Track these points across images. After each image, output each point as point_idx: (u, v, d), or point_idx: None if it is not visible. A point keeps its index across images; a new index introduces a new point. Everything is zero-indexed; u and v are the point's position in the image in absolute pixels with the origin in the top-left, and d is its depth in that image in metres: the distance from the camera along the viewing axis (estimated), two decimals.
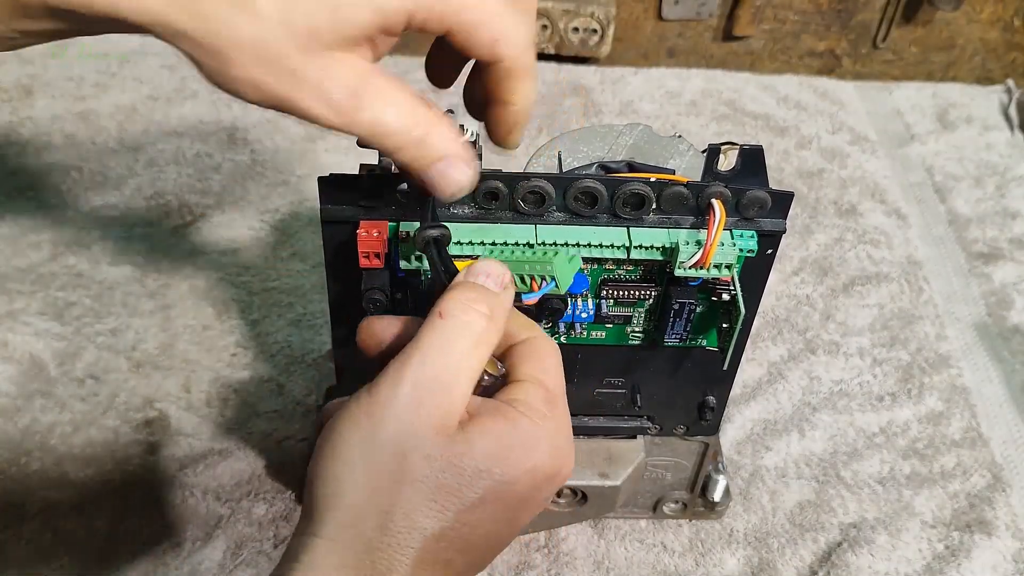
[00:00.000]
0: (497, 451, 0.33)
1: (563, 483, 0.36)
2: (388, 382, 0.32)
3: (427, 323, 0.33)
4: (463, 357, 0.33)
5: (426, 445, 0.32)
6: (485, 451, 0.32)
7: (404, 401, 0.32)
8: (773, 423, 0.67)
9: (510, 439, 0.33)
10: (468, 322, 0.34)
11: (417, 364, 0.32)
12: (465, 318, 0.34)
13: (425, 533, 0.32)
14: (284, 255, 0.76)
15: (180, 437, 0.63)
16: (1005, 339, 0.75)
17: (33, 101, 0.88)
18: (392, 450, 0.32)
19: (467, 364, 0.33)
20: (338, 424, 0.33)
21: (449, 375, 0.33)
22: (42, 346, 0.68)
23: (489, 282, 0.35)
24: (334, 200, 0.42)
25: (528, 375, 0.35)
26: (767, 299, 0.75)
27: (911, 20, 0.97)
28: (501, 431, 0.33)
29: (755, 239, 0.42)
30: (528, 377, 0.35)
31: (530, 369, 0.36)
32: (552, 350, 0.37)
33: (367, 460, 0.32)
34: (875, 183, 0.87)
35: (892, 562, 0.59)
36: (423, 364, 0.32)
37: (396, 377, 0.32)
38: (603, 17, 0.92)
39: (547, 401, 0.35)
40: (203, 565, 0.56)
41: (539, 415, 0.34)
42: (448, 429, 0.32)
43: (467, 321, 0.34)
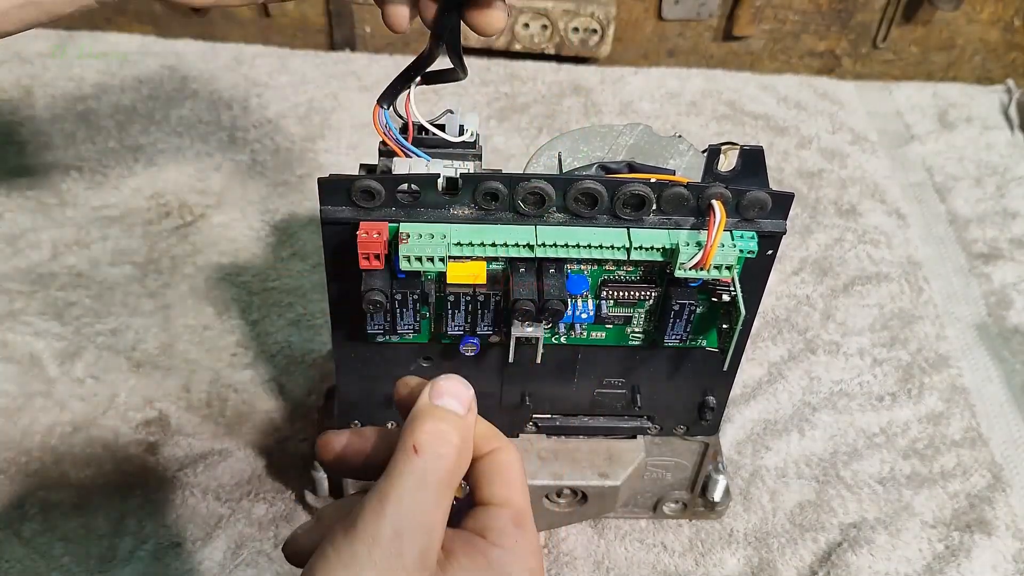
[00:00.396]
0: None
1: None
2: (366, 526, 0.31)
3: (401, 458, 0.32)
4: (440, 495, 0.32)
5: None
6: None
7: (384, 548, 0.31)
8: (773, 423, 0.67)
9: (487, 574, 0.33)
10: (442, 455, 0.33)
11: (395, 506, 0.31)
12: (439, 451, 0.33)
13: None
14: (284, 255, 0.76)
15: (180, 437, 0.63)
16: (1005, 339, 0.75)
17: (33, 101, 0.88)
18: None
19: (444, 501, 0.33)
20: (314, 572, 0.31)
21: (427, 516, 0.32)
22: (42, 346, 0.68)
23: (455, 405, 0.34)
24: (334, 201, 0.42)
25: (495, 496, 0.35)
26: (767, 299, 0.75)
27: (911, 20, 0.97)
28: (478, 569, 0.33)
29: (755, 240, 0.42)
30: (495, 499, 0.35)
31: (497, 489, 0.35)
32: (516, 461, 0.36)
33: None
34: (875, 183, 0.87)
35: (892, 562, 0.59)
36: (401, 506, 0.31)
37: (375, 520, 0.31)
38: (603, 17, 0.92)
39: (516, 523, 0.34)
40: (203, 565, 0.56)
41: (511, 541, 0.34)
42: (429, 572, 0.32)
43: (441, 455, 0.33)
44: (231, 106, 0.89)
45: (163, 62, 0.93)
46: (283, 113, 0.89)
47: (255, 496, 0.60)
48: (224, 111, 0.88)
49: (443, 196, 0.42)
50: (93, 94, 0.89)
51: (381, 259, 0.42)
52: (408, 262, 0.41)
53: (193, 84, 0.91)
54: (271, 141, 0.86)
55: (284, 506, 0.60)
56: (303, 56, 0.97)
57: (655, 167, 0.45)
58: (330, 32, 0.98)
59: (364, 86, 0.92)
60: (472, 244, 0.41)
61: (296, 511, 0.59)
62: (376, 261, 0.42)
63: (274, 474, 0.61)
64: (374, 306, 0.43)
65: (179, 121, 0.87)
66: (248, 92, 0.91)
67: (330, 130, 0.87)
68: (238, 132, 0.86)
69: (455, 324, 0.45)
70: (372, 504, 0.32)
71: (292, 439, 0.63)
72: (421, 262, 0.41)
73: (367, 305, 0.43)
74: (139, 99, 0.89)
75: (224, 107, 0.89)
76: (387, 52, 0.98)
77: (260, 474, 0.61)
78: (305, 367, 0.68)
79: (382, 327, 0.45)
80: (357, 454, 0.36)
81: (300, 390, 0.66)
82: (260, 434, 0.63)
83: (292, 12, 0.96)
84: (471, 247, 0.41)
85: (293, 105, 0.90)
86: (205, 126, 0.87)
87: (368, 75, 0.93)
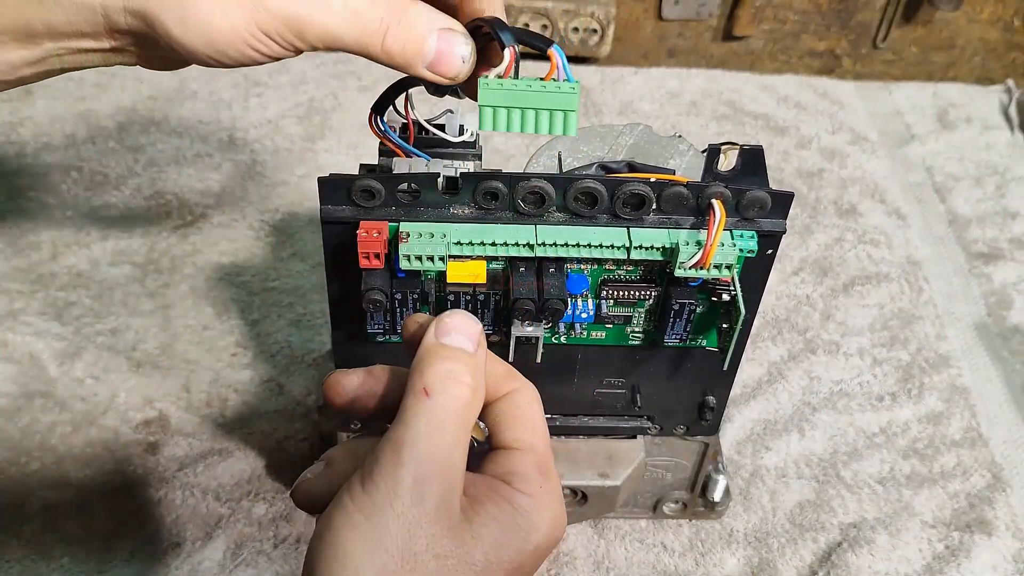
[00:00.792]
0: (504, 539, 0.31)
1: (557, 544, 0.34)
2: (384, 476, 0.30)
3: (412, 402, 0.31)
4: (456, 436, 0.31)
5: (435, 544, 0.30)
6: (493, 541, 0.31)
7: (405, 497, 0.30)
8: (773, 423, 0.67)
9: (514, 522, 0.32)
10: (454, 395, 0.31)
11: (411, 452, 0.30)
12: (452, 392, 0.31)
13: None
14: (284, 255, 0.76)
15: (180, 437, 0.63)
16: (1005, 339, 0.75)
17: (33, 101, 0.88)
18: (401, 554, 0.30)
19: (461, 442, 0.31)
20: (335, 526, 0.30)
21: (445, 460, 0.31)
22: (42, 346, 0.68)
23: (463, 342, 0.33)
24: (334, 200, 0.42)
25: (517, 440, 0.34)
26: (767, 299, 0.75)
27: (911, 20, 0.97)
28: (505, 517, 0.32)
29: (755, 239, 0.42)
30: (517, 443, 0.34)
31: (518, 432, 0.34)
32: (536, 403, 0.35)
33: (375, 567, 0.29)
34: (875, 183, 0.87)
35: (892, 562, 0.59)
36: (417, 451, 0.30)
37: (393, 470, 0.30)
38: (603, 17, 0.92)
39: (540, 468, 0.33)
40: (203, 565, 0.56)
41: (535, 487, 0.33)
42: (452, 519, 0.31)
43: (454, 395, 0.31)
44: (231, 106, 0.89)
45: None
46: (283, 113, 0.89)
47: (255, 496, 0.60)
48: (224, 111, 0.88)
49: (443, 195, 0.42)
50: (93, 94, 0.89)
51: (381, 258, 0.42)
52: (408, 261, 0.41)
53: (193, 84, 0.91)
54: (271, 141, 0.86)
55: (284, 506, 0.60)
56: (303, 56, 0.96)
57: (655, 167, 0.45)
58: None
59: (364, 86, 0.92)
60: (472, 243, 0.41)
61: (296, 511, 0.59)
62: (376, 260, 0.42)
63: (274, 474, 0.61)
64: (374, 305, 0.43)
65: (179, 121, 0.87)
66: (248, 92, 0.91)
67: (330, 130, 0.87)
68: (238, 132, 0.86)
69: None
70: (387, 452, 0.30)
71: (292, 439, 0.63)
72: (421, 261, 0.41)
73: (367, 304, 0.43)
74: (139, 99, 0.89)
75: (224, 107, 0.89)
76: None
77: (260, 474, 0.61)
78: (305, 367, 0.68)
79: (382, 327, 0.45)
80: (370, 395, 0.34)
81: (300, 390, 0.66)
82: (260, 434, 0.63)
83: None
84: (471, 246, 0.41)
85: (293, 105, 0.90)
86: (205, 126, 0.87)
87: (368, 75, 0.93)
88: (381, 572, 0.29)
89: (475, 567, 0.31)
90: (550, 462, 0.34)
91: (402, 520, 0.30)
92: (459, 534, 0.31)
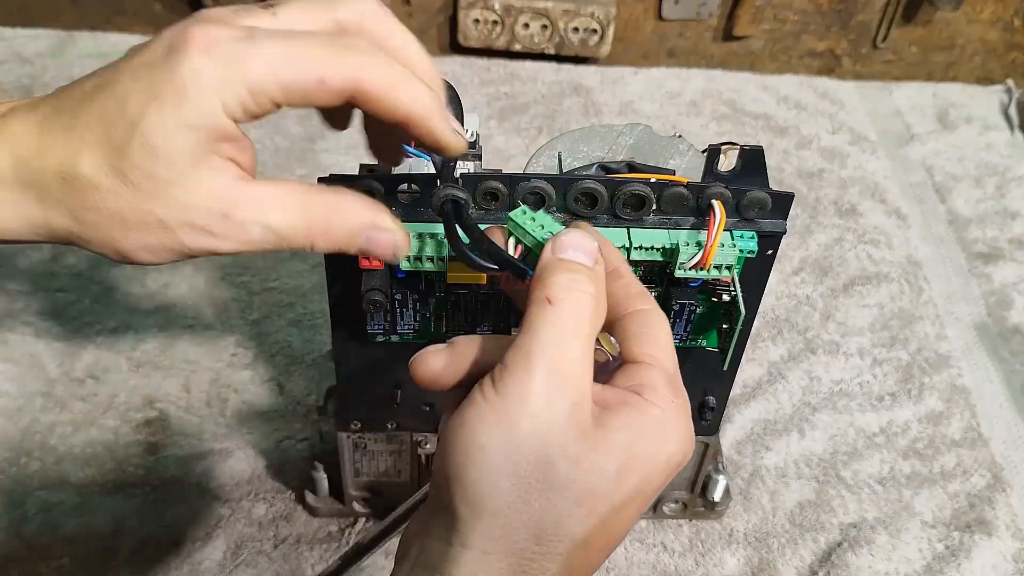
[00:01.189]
0: (636, 448, 0.31)
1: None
2: (515, 378, 0.30)
3: (536, 311, 0.31)
4: (583, 343, 0.31)
5: (568, 447, 0.30)
6: (625, 449, 0.31)
7: (537, 398, 0.30)
8: (773, 423, 0.67)
9: (646, 433, 0.31)
10: (579, 302, 0.31)
11: (540, 358, 0.30)
12: (575, 299, 0.31)
13: (574, 539, 0.30)
14: (284, 255, 0.76)
15: (180, 437, 0.63)
16: (1005, 339, 0.75)
17: None
18: (535, 454, 0.30)
19: (588, 350, 0.31)
20: (468, 424, 0.30)
21: (573, 365, 0.31)
22: (42, 346, 0.68)
23: (581, 256, 0.32)
24: None
25: (647, 356, 0.33)
26: (767, 299, 0.75)
27: (911, 20, 0.97)
28: (637, 426, 0.31)
29: (755, 240, 0.42)
30: (648, 358, 0.33)
31: (648, 348, 0.33)
32: (665, 323, 0.34)
33: (510, 465, 0.30)
34: (875, 183, 0.87)
35: (892, 562, 0.59)
36: (546, 358, 0.30)
37: (524, 372, 0.30)
38: (603, 17, 0.92)
39: (670, 384, 0.33)
40: (203, 565, 0.56)
41: (667, 401, 0.32)
42: (583, 424, 0.31)
43: (578, 302, 0.31)
44: None
45: None
46: (283, 113, 0.88)
47: (255, 496, 0.60)
48: None
49: None
50: None
51: None
52: (408, 262, 0.41)
53: None
54: (271, 141, 0.86)
55: (284, 506, 0.60)
56: None
57: (655, 167, 0.45)
58: None
59: None
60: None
61: (296, 511, 0.59)
62: (376, 261, 0.42)
63: (274, 474, 0.61)
64: (374, 306, 0.43)
65: None
66: None
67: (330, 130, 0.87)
68: None
69: (455, 324, 0.45)
70: (518, 359, 0.30)
71: (292, 439, 0.63)
72: (421, 262, 0.41)
73: (367, 305, 0.43)
74: None
75: None
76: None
77: (260, 474, 0.61)
78: (305, 367, 0.68)
79: (382, 327, 0.45)
80: (457, 372, 0.34)
81: (300, 390, 0.66)
82: (260, 434, 0.63)
83: None
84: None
85: None
86: None
87: None
88: (517, 474, 0.30)
89: (607, 473, 0.31)
90: (680, 382, 0.34)
91: (536, 424, 0.30)
92: (591, 440, 0.31)
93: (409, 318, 0.44)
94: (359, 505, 0.58)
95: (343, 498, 0.58)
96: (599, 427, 0.31)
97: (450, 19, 0.95)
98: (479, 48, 0.95)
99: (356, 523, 0.59)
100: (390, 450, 0.55)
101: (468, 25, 0.93)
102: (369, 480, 0.57)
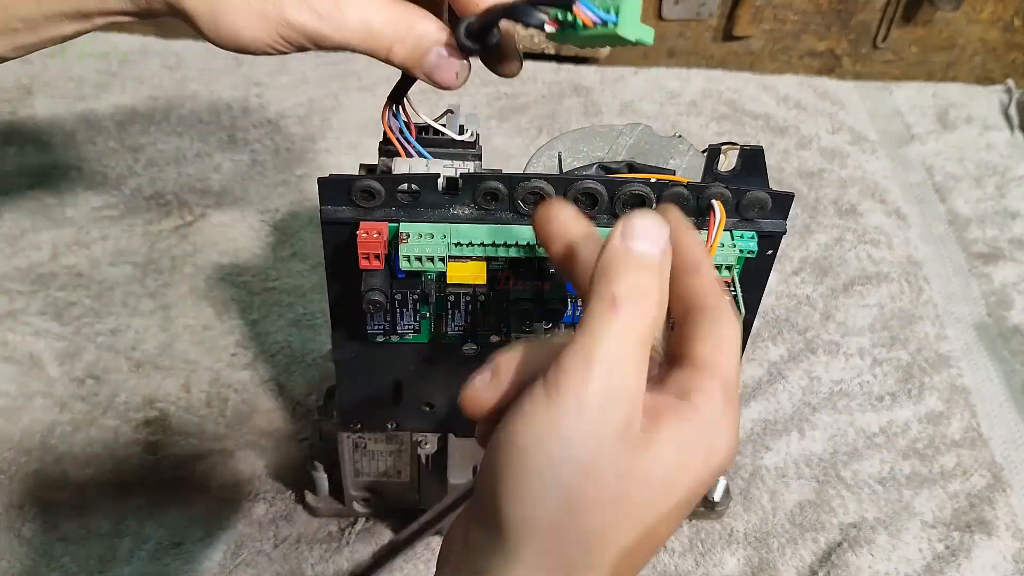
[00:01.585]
0: (685, 460, 0.31)
1: None
2: (571, 384, 0.29)
3: (600, 312, 0.30)
4: (642, 356, 0.30)
5: (619, 461, 0.29)
6: (674, 462, 0.30)
7: (592, 411, 0.29)
8: (773, 423, 0.67)
9: (695, 445, 0.31)
10: (645, 312, 0.30)
11: (600, 368, 0.29)
12: (640, 307, 0.30)
13: (621, 549, 0.30)
14: (284, 255, 0.76)
15: (180, 437, 0.63)
16: (1005, 339, 0.75)
17: (33, 101, 0.88)
18: (585, 469, 0.29)
19: (644, 360, 0.30)
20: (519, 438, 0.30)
21: (630, 378, 0.30)
22: (42, 346, 0.68)
23: (650, 248, 0.31)
24: (334, 201, 0.42)
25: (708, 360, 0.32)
26: (767, 299, 0.75)
27: (911, 20, 0.97)
28: (687, 438, 0.31)
29: (755, 240, 0.42)
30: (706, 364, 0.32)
31: (711, 352, 0.32)
32: (735, 327, 0.33)
33: (560, 479, 0.29)
34: (875, 183, 0.87)
35: (892, 562, 0.59)
36: (606, 368, 0.29)
37: (581, 385, 0.29)
38: None
39: (726, 393, 0.32)
40: (203, 565, 0.56)
41: (718, 411, 0.31)
42: (634, 438, 0.30)
43: (644, 312, 0.30)
44: (231, 106, 0.89)
45: (163, 62, 0.93)
46: (283, 113, 0.89)
47: (255, 496, 0.60)
48: (224, 111, 0.88)
49: (443, 196, 0.42)
50: (93, 94, 0.89)
51: (381, 259, 0.42)
52: (408, 262, 0.41)
53: (193, 84, 0.91)
54: (271, 141, 0.86)
55: (284, 506, 0.60)
56: (303, 56, 0.97)
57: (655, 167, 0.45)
58: None
59: (364, 86, 0.92)
60: (472, 244, 0.41)
61: (296, 511, 0.59)
62: (376, 261, 0.42)
63: (274, 474, 0.61)
64: (374, 306, 0.43)
65: (179, 121, 0.87)
66: (248, 92, 0.91)
67: (330, 130, 0.87)
68: (238, 132, 0.86)
69: (455, 324, 0.45)
70: (577, 365, 0.29)
71: (292, 439, 0.63)
72: (421, 262, 0.41)
73: (367, 305, 0.43)
74: (139, 99, 0.89)
75: (224, 107, 0.89)
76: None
77: (260, 474, 0.61)
78: (305, 367, 0.68)
79: (382, 327, 0.45)
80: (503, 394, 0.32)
81: (300, 390, 0.66)
82: (260, 434, 0.63)
83: None
84: (471, 247, 0.41)
85: (293, 105, 0.90)
86: (205, 126, 0.87)
87: (368, 75, 0.93)
88: (564, 484, 0.29)
89: (655, 486, 0.30)
90: (736, 390, 0.33)
91: (588, 438, 0.29)
92: (640, 453, 0.30)
93: (409, 318, 0.44)
94: (359, 505, 0.58)
95: (343, 498, 0.58)
96: (649, 440, 0.30)
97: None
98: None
99: (356, 523, 0.59)
100: (390, 450, 0.55)
101: None
102: (369, 480, 0.57)
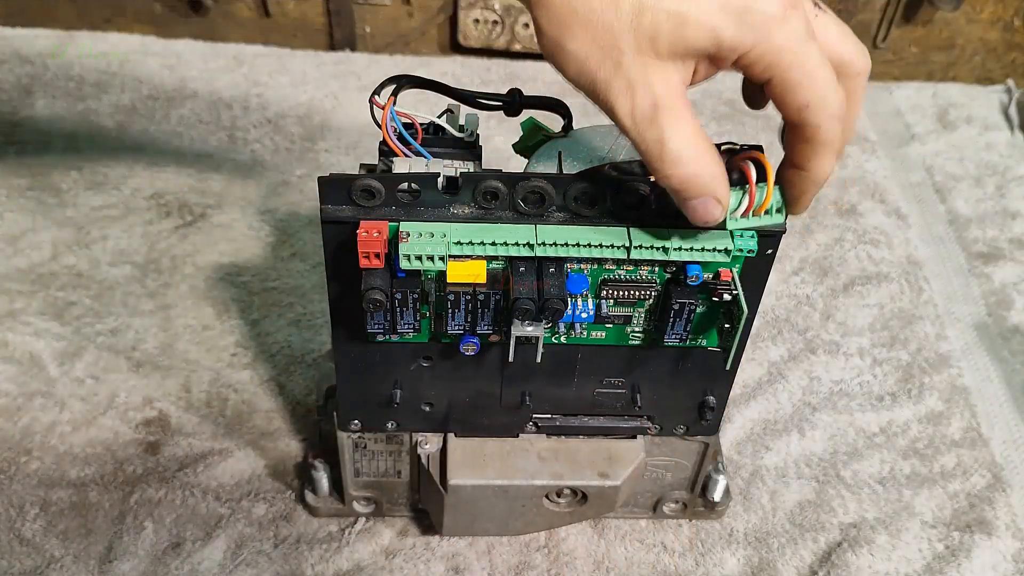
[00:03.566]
0: None
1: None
2: None
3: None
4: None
5: None
6: None
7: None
8: (773, 423, 0.67)
9: None
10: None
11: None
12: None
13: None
14: (284, 255, 0.76)
15: (180, 437, 0.63)
16: (1005, 339, 0.75)
17: (33, 101, 0.88)
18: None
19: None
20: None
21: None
22: (42, 346, 0.68)
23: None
24: (334, 200, 0.42)
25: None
26: (767, 299, 0.75)
27: (911, 20, 0.97)
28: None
29: (755, 239, 0.42)
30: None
31: None
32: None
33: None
34: (875, 183, 0.87)
35: (892, 562, 0.59)
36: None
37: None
38: None
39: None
40: (203, 565, 0.56)
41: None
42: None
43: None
44: (231, 106, 0.89)
45: (163, 62, 0.93)
46: (283, 113, 0.89)
47: (255, 496, 0.60)
48: (224, 111, 0.88)
49: (443, 195, 0.42)
50: (93, 94, 0.89)
51: (381, 258, 0.42)
52: (408, 261, 0.41)
53: (193, 84, 0.91)
54: (271, 141, 0.86)
55: (284, 506, 0.60)
56: (303, 56, 0.97)
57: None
58: (330, 32, 0.98)
59: (364, 86, 0.92)
60: (472, 243, 0.41)
61: (296, 511, 0.59)
62: (376, 260, 0.42)
63: (274, 474, 0.61)
64: (374, 305, 0.43)
65: (179, 121, 0.87)
66: (248, 92, 0.91)
67: (330, 130, 0.87)
68: (238, 132, 0.86)
69: (455, 323, 0.45)
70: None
71: (292, 439, 0.63)
72: (421, 261, 0.41)
73: (367, 304, 0.43)
74: (139, 99, 0.89)
75: (224, 107, 0.89)
76: (387, 52, 0.98)
77: (260, 474, 0.61)
78: (305, 367, 0.68)
79: (382, 326, 0.45)
80: None
81: (300, 390, 0.66)
82: (260, 434, 0.63)
83: (292, 12, 0.97)
84: (471, 246, 0.41)
85: (293, 105, 0.90)
86: (205, 126, 0.87)
87: (368, 75, 0.93)
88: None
89: None
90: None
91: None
92: None
93: (409, 317, 0.44)
94: (359, 505, 0.58)
95: (343, 498, 0.58)
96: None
97: (450, 19, 0.95)
98: (479, 48, 0.95)
99: (356, 523, 0.59)
100: (390, 450, 0.55)
101: (468, 25, 0.93)
102: (369, 480, 0.57)
